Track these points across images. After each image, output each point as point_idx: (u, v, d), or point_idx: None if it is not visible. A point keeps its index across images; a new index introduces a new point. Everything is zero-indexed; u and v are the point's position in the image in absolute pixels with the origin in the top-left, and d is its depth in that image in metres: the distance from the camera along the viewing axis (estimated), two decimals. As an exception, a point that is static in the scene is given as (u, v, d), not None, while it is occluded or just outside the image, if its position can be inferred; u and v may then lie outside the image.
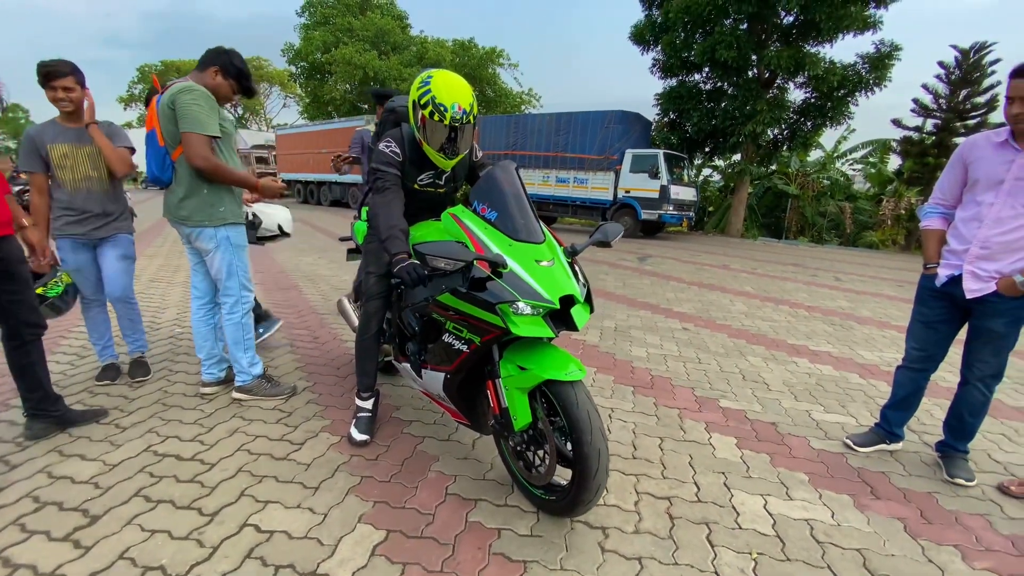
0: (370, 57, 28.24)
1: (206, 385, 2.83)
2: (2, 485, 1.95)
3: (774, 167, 18.25)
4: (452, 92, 1.96)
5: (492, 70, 32.01)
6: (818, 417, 2.96)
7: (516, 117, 17.86)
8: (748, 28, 14.98)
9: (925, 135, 15.91)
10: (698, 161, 19.20)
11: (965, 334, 2.33)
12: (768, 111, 14.73)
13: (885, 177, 17.37)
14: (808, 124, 16.00)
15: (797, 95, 16.09)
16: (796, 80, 15.41)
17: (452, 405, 2.09)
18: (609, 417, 2.82)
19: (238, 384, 2.76)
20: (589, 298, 1.84)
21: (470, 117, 1.99)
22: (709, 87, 16.65)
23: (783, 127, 16.09)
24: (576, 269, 1.88)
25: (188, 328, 3.98)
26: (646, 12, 16.76)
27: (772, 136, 16.37)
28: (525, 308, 1.64)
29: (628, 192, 13.97)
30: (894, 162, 17.78)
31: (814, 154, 19.08)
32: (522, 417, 1.76)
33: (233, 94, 2.60)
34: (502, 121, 17.54)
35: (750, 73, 15.61)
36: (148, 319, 4.14)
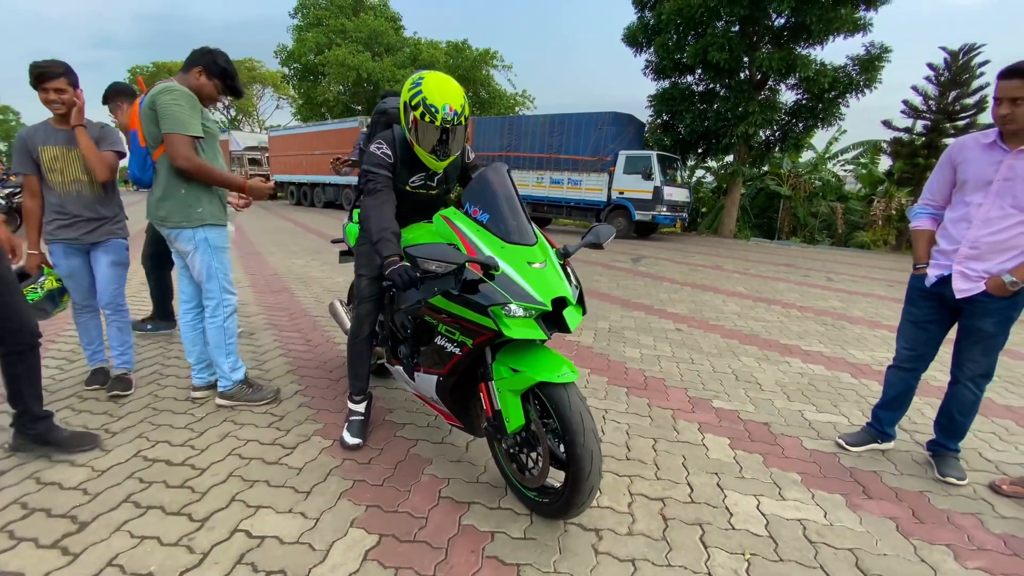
0: (363, 58, 28.17)
1: (196, 389, 2.80)
2: (-12, 492, 1.92)
3: (766, 168, 18.37)
4: (443, 93, 1.95)
5: (486, 72, 32.00)
6: (810, 417, 2.98)
7: (510, 119, 17.89)
8: (740, 30, 15.08)
9: (915, 136, 16.05)
10: (691, 162, 19.29)
11: (955, 334, 2.35)
12: (760, 112, 14.81)
13: (876, 178, 17.53)
14: (800, 125, 16.11)
15: (788, 97, 16.24)
16: (787, 82, 15.52)
17: (445, 408, 2.08)
18: (603, 418, 2.81)
19: (220, 390, 2.71)
20: (581, 300, 1.84)
21: (461, 118, 1.99)
22: (701, 89, 16.75)
23: (775, 128, 16.19)
24: (568, 271, 1.88)
25: (177, 332, 3.94)
26: (639, 14, 16.83)
27: (764, 137, 16.46)
28: (517, 310, 1.64)
29: (622, 193, 14.02)
30: (885, 163, 17.96)
31: (806, 155, 19.23)
32: (515, 419, 1.76)
33: (218, 94, 2.57)
34: (496, 123, 17.56)
35: (742, 75, 15.71)
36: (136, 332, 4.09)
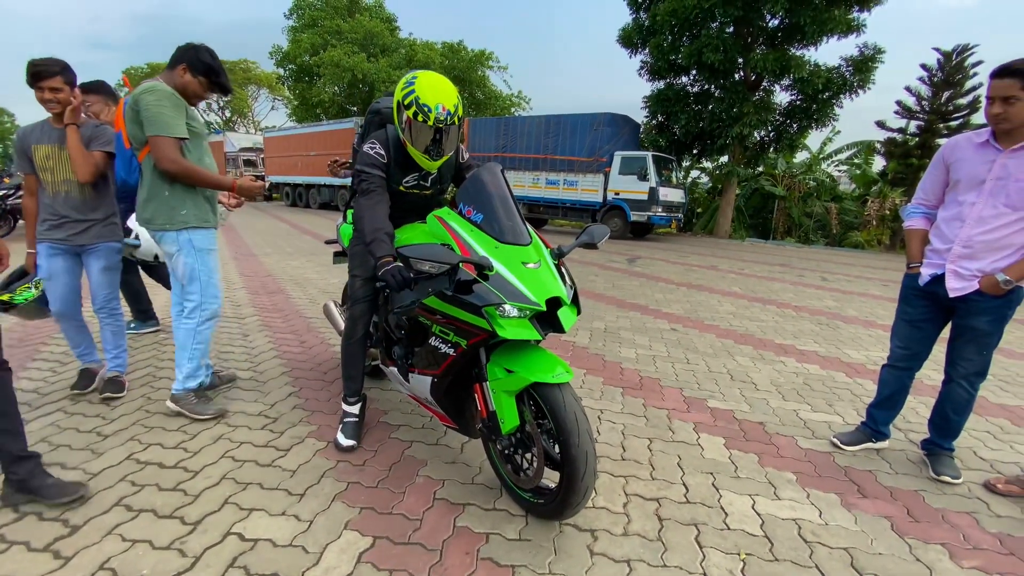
0: (358, 59, 28.10)
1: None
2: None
3: (761, 169, 18.42)
4: (436, 93, 1.95)
5: (481, 72, 31.99)
6: (805, 416, 2.98)
7: (506, 119, 17.91)
8: (734, 31, 15.12)
9: (908, 136, 16.19)
10: (686, 163, 19.33)
11: (949, 333, 2.36)
12: (754, 113, 14.88)
13: (870, 178, 17.61)
14: (794, 126, 16.18)
15: (783, 97, 16.30)
16: (782, 83, 15.58)
17: (440, 409, 2.07)
18: (598, 419, 2.81)
19: (171, 392, 2.62)
20: (576, 300, 1.84)
21: (455, 118, 1.98)
22: (696, 90, 16.79)
23: (769, 129, 16.25)
24: (563, 271, 1.87)
25: (171, 334, 3.91)
26: (634, 15, 16.86)
27: (759, 138, 16.53)
28: (511, 310, 1.63)
29: (617, 194, 14.04)
30: (878, 163, 18.07)
31: (800, 156, 19.28)
32: (510, 420, 1.75)
33: (204, 92, 2.50)
34: (492, 123, 17.58)
35: (736, 76, 15.76)
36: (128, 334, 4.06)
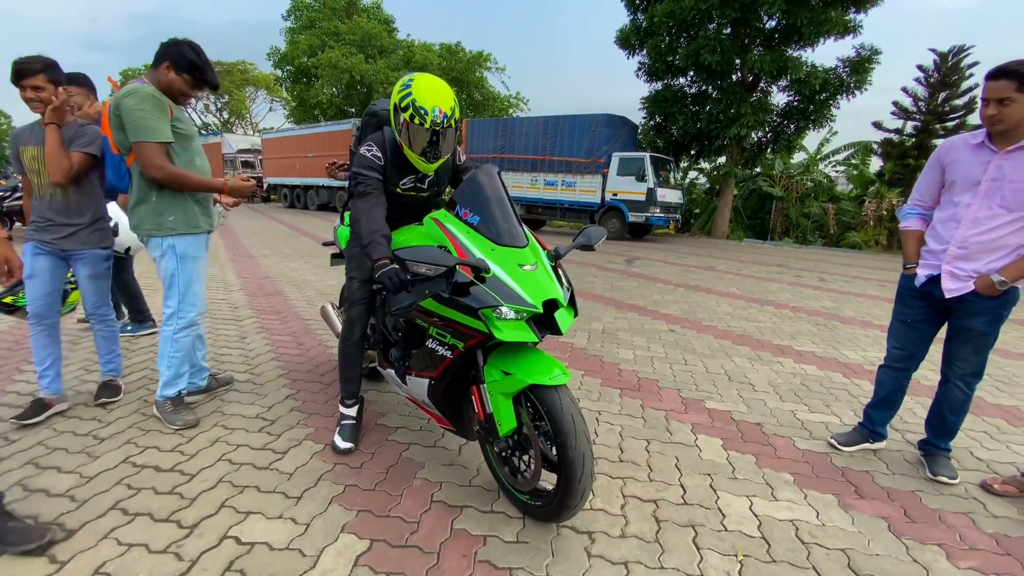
0: (356, 61, 28.11)
1: (187, 394, 2.76)
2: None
3: (758, 169, 18.47)
4: (433, 96, 1.95)
5: (479, 74, 32.01)
6: (803, 417, 2.98)
7: (504, 121, 17.91)
8: (731, 32, 15.16)
9: (905, 137, 16.23)
10: (684, 164, 19.35)
11: (945, 333, 2.36)
12: (752, 114, 14.90)
13: (867, 179, 17.66)
14: (791, 127, 16.20)
15: (780, 98, 16.33)
16: (779, 84, 15.62)
17: (437, 411, 2.06)
18: (596, 420, 2.81)
19: (155, 399, 2.61)
20: (573, 302, 1.84)
21: (451, 121, 1.98)
22: (694, 91, 16.82)
23: (767, 130, 16.27)
24: (560, 273, 1.87)
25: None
26: (631, 16, 16.88)
27: (756, 139, 16.55)
28: (508, 313, 1.63)
29: (615, 195, 14.06)
30: (875, 164, 18.11)
31: (797, 156, 19.34)
32: (507, 422, 1.75)
33: (191, 89, 2.41)
34: (490, 124, 17.59)
35: (734, 77, 15.79)
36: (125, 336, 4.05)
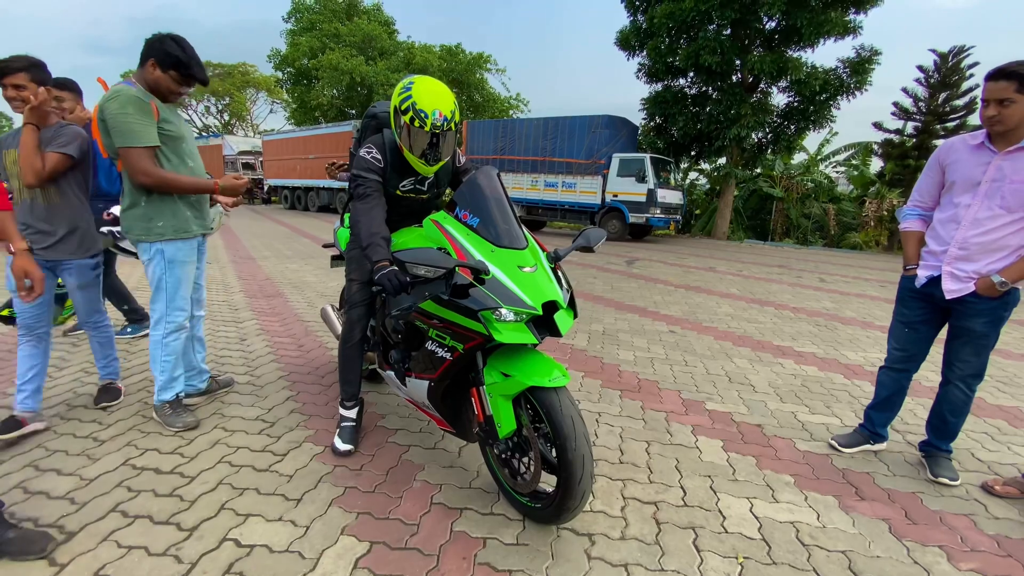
0: (357, 63, 28.14)
1: (186, 397, 2.76)
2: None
3: (759, 170, 18.46)
4: (433, 98, 1.95)
5: (480, 75, 32.03)
6: (803, 418, 2.98)
7: (504, 122, 17.93)
8: (731, 33, 15.16)
9: (906, 138, 16.21)
10: (684, 165, 19.36)
11: (946, 334, 2.36)
12: (752, 115, 14.90)
13: (867, 179, 17.65)
14: (791, 128, 16.20)
15: (780, 99, 16.33)
16: (779, 84, 15.61)
17: (437, 413, 2.06)
18: (596, 422, 2.81)
19: (154, 403, 2.61)
20: (572, 303, 1.84)
21: (452, 124, 1.99)
22: (694, 92, 16.82)
23: (767, 131, 16.28)
24: (559, 274, 1.87)
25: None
26: (631, 18, 16.89)
27: (756, 139, 16.55)
28: (508, 314, 1.63)
29: (616, 196, 14.06)
30: (876, 164, 18.10)
31: (798, 157, 19.34)
32: (507, 424, 1.75)
33: (178, 86, 2.32)
34: (490, 126, 17.61)
35: (734, 78, 15.79)
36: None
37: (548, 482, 1.85)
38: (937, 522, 2.04)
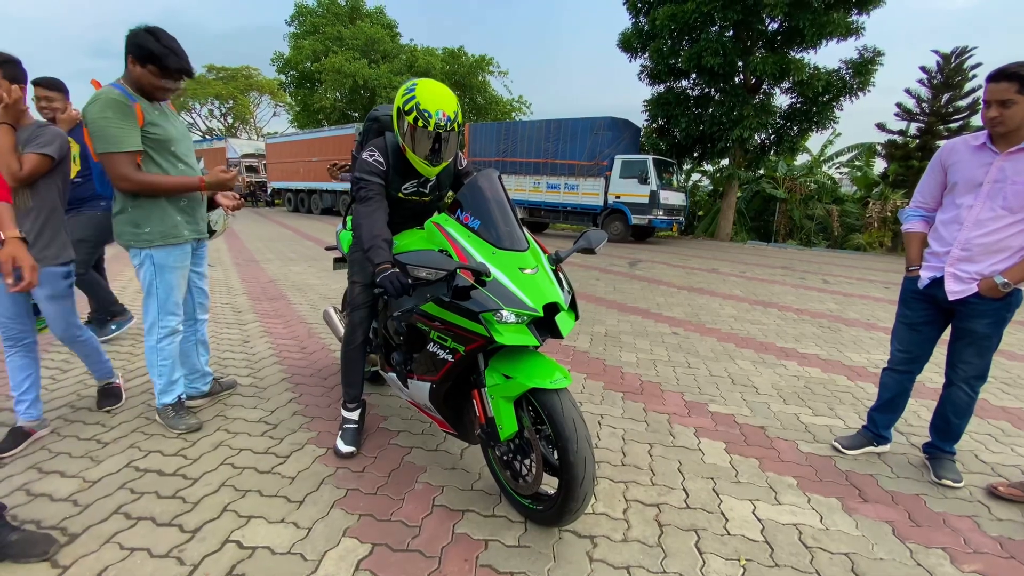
0: (360, 65, 28.22)
1: (189, 399, 2.78)
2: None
3: (762, 171, 18.41)
4: (437, 99, 1.96)
5: (482, 78, 32.07)
6: (806, 420, 2.97)
7: (507, 124, 17.97)
8: (734, 35, 15.15)
9: (909, 139, 16.18)
10: (687, 166, 19.34)
11: (949, 335, 2.35)
12: (755, 116, 14.87)
13: (871, 180, 17.60)
14: (794, 129, 16.16)
15: (783, 100, 16.27)
16: (782, 86, 15.57)
17: (439, 415, 2.07)
18: (598, 423, 2.80)
19: (156, 406, 2.61)
20: (574, 305, 1.84)
21: (455, 124, 2.00)
22: (696, 93, 16.80)
23: (770, 132, 16.23)
24: (560, 276, 1.87)
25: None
26: (633, 20, 16.88)
27: (759, 141, 16.51)
28: (509, 316, 1.63)
29: (618, 197, 14.05)
30: (879, 165, 18.05)
31: (801, 158, 19.27)
32: (508, 426, 1.75)
33: (159, 81, 2.21)
34: (493, 128, 17.62)
35: (736, 79, 15.77)
36: (132, 334, 4.08)
37: (550, 484, 1.85)
38: (940, 524, 2.03)
